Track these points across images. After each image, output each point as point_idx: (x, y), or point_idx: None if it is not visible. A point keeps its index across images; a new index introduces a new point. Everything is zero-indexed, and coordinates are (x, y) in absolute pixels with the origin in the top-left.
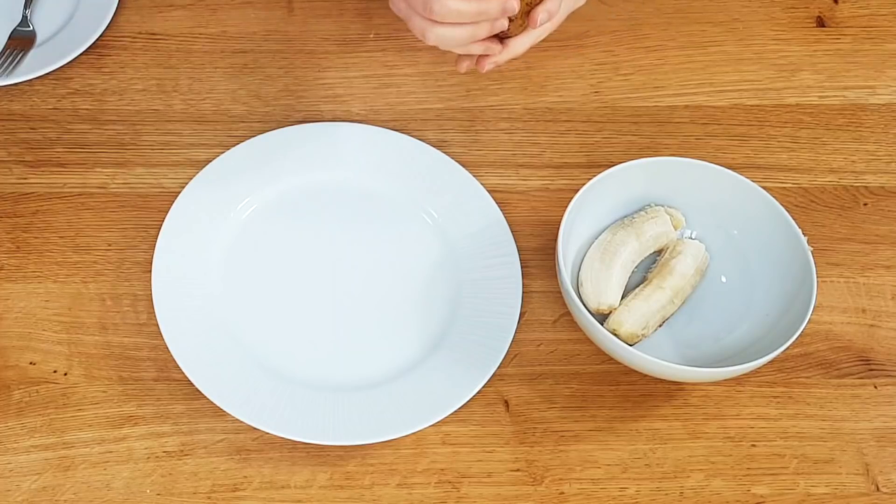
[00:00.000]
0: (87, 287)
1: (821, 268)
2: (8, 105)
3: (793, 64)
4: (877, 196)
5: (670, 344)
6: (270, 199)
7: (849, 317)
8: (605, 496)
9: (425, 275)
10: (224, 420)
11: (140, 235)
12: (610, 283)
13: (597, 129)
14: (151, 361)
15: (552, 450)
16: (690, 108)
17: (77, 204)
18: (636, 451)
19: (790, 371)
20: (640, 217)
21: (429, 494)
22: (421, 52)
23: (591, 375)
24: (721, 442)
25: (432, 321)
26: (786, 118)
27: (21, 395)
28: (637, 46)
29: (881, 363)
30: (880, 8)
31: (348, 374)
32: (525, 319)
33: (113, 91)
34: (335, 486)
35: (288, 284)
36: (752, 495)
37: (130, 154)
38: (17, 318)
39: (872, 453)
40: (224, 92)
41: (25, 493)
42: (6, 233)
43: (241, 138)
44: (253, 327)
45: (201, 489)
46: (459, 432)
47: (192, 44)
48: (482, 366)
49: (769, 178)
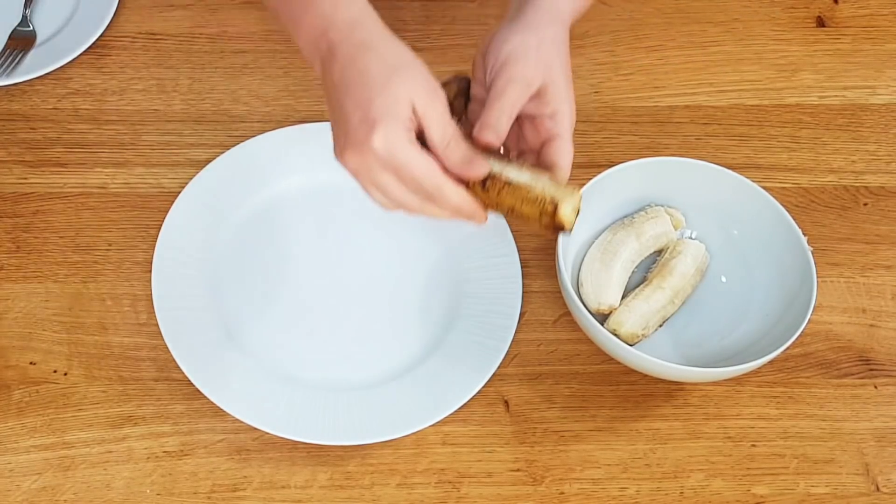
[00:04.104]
0: (87, 287)
1: (821, 268)
2: (8, 105)
3: (793, 64)
4: (877, 196)
5: (670, 344)
6: (270, 199)
7: (849, 317)
8: (605, 496)
9: (425, 275)
10: (224, 420)
11: (140, 235)
12: (610, 284)
13: (597, 129)
14: (151, 361)
15: (552, 450)
16: (690, 108)
17: (77, 204)
18: (636, 451)
19: (790, 371)
20: (640, 217)
21: (429, 494)
22: (421, 52)
23: (591, 375)
24: (721, 442)
25: (432, 321)
26: (786, 118)
27: (21, 395)
28: (637, 46)
29: (881, 363)
30: (880, 8)
31: (348, 374)
32: (525, 319)
33: (113, 91)
34: (335, 486)
35: (288, 284)
36: (752, 495)
37: (130, 154)
38: (17, 318)
39: (872, 453)
40: (224, 92)
41: (25, 493)
42: (6, 233)
43: (241, 138)
44: (253, 327)
45: (201, 489)
46: (459, 432)
47: (192, 44)
48: (482, 366)
49: (769, 178)
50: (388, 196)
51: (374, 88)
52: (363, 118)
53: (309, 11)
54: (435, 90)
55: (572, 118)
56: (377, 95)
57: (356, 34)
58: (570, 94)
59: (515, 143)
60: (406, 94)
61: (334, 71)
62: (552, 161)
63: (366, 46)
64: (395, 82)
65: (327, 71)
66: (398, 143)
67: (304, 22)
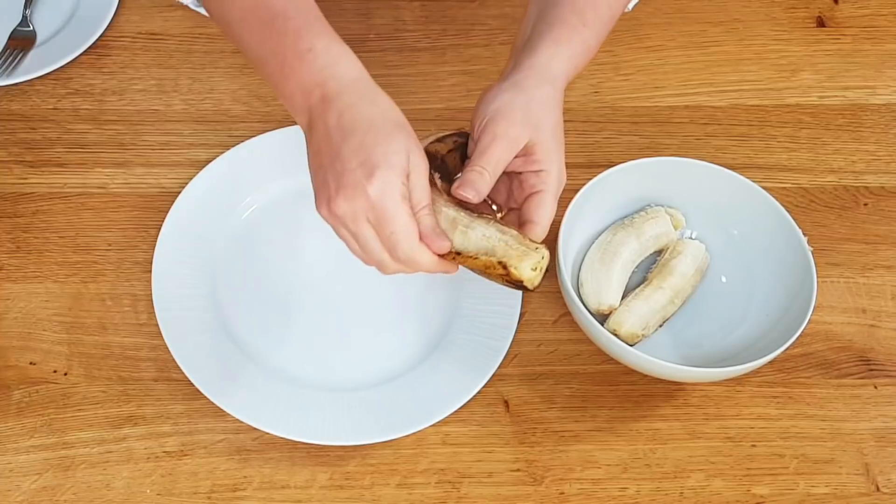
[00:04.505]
0: (87, 287)
1: (821, 268)
2: (8, 105)
3: (793, 64)
4: (877, 196)
5: (670, 344)
6: (270, 199)
7: (849, 317)
8: (605, 496)
9: (426, 275)
10: (224, 420)
11: (140, 235)
12: (610, 284)
13: (597, 129)
14: (151, 361)
15: (552, 450)
16: (690, 108)
17: (77, 204)
18: (636, 451)
19: (790, 371)
20: (641, 217)
21: (429, 494)
22: (421, 52)
23: (591, 375)
24: (721, 442)
25: (432, 321)
26: (786, 118)
27: (21, 395)
28: (637, 46)
29: (881, 363)
30: (880, 8)
31: (348, 374)
32: (525, 319)
33: (113, 91)
34: (335, 486)
35: (288, 284)
36: (752, 495)
37: (130, 154)
38: (17, 318)
39: (872, 453)
40: (224, 92)
41: (25, 493)
42: (6, 233)
43: (241, 138)
44: (253, 327)
45: (201, 489)
46: (459, 432)
47: (192, 44)
48: (482, 366)
49: (769, 178)
50: (365, 251)
51: (379, 135)
52: (363, 162)
53: (305, 61)
54: (423, 158)
55: (560, 178)
56: (381, 143)
57: (358, 87)
58: (559, 155)
59: (505, 202)
60: (406, 150)
61: (330, 118)
62: (528, 217)
63: (368, 99)
64: (400, 136)
65: (319, 119)
66: (392, 193)
67: (298, 70)
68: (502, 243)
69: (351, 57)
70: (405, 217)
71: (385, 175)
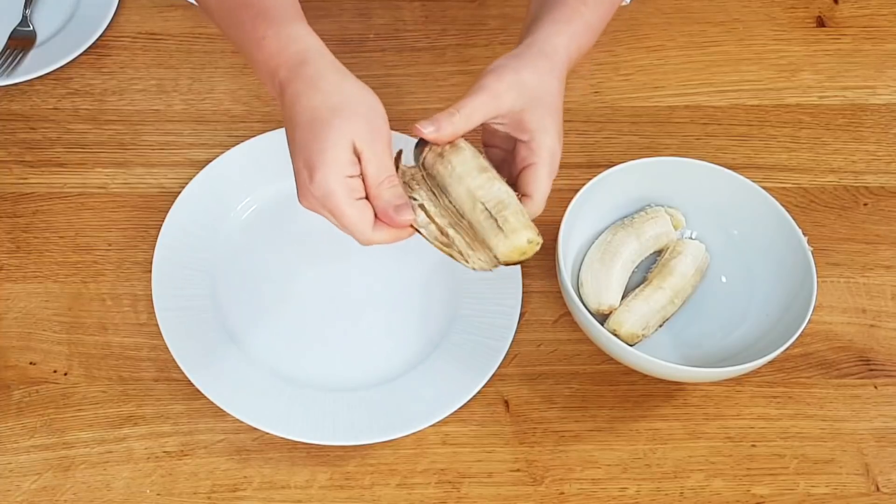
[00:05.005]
0: (87, 287)
1: (821, 268)
2: (8, 105)
3: (793, 64)
4: (877, 196)
5: (670, 344)
6: (270, 199)
7: (849, 317)
8: (605, 496)
9: (425, 275)
10: (224, 420)
11: (140, 235)
12: (610, 284)
13: (597, 129)
14: (151, 361)
15: (552, 450)
16: (690, 108)
17: (77, 204)
18: (636, 451)
19: (790, 371)
20: (640, 217)
21: (429, 494)
22: (421, 52)
23: (591, 375)
24: (721, 442)
25: (432, 321)
26: (786, 118)
27: (21, 395)
28: (637, 46)
29: (881, 363)
30: (880, 8)
31: (348, 374)
32: (525, 319)
33: (113, 91)
34: (335, 486)
35: (288, 284)
36: (752, 495)
37: (130, 154)
38: (17, 318)
39: (872, 453)
40: (224, 92)
41: (25, 493)
42: (6, 233)
43: (241, 138)
44: (253, 327)
45: (201, 489)
46: (459, 432)
47: (192, 44)
48: (482, 366)
49: (769, 178)
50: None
51: (314, 130)
52: (306, 162)
53: (262, 49)
54: (378, 129)
55: (553, 152)
56: (315, 139)
57: (303, 71)
58: (553, 128)
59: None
60: (347, 136)
61: (284, 109)
62: (524, 191)
63: (312, 84)
64: (335, 125)
65: (281, 108)
66: (334, 193)
67: (258, 60)
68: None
69: (300, 40)
70: (351, 211)
71: (323, 175)
